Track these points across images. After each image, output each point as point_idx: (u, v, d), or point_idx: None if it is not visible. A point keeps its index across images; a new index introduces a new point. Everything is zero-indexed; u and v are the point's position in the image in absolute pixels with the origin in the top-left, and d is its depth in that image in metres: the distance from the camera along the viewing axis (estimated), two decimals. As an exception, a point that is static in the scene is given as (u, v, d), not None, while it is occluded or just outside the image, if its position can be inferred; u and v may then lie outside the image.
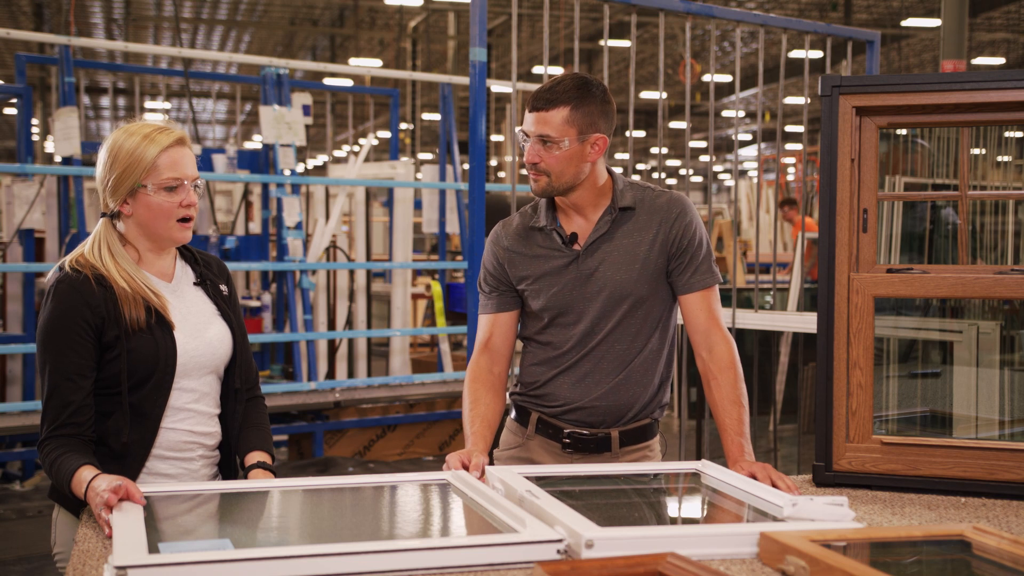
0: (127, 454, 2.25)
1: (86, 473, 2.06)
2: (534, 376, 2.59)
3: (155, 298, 2.28)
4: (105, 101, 27.22)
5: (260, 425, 2.48)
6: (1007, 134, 6.59)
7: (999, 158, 7.04)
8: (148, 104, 22.48)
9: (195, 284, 2.42)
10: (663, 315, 2.54)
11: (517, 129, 2.52)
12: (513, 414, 2.68)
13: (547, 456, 2.57)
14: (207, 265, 2.47)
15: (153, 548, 1.69)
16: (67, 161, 6.34)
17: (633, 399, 2.52)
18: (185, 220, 2.32)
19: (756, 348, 6.66)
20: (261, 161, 7.43)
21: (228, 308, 2.44)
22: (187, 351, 2.30)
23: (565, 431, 2.54)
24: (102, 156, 2.33)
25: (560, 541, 1.70)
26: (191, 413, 2.32)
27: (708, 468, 2.27)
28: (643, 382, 2.53)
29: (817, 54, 11.40)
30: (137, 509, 1.90)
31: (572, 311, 2.51)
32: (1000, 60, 23.47)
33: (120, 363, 2.23)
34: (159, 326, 2.27)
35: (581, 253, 2.50)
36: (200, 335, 2.34)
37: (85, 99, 25.33)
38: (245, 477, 2.37)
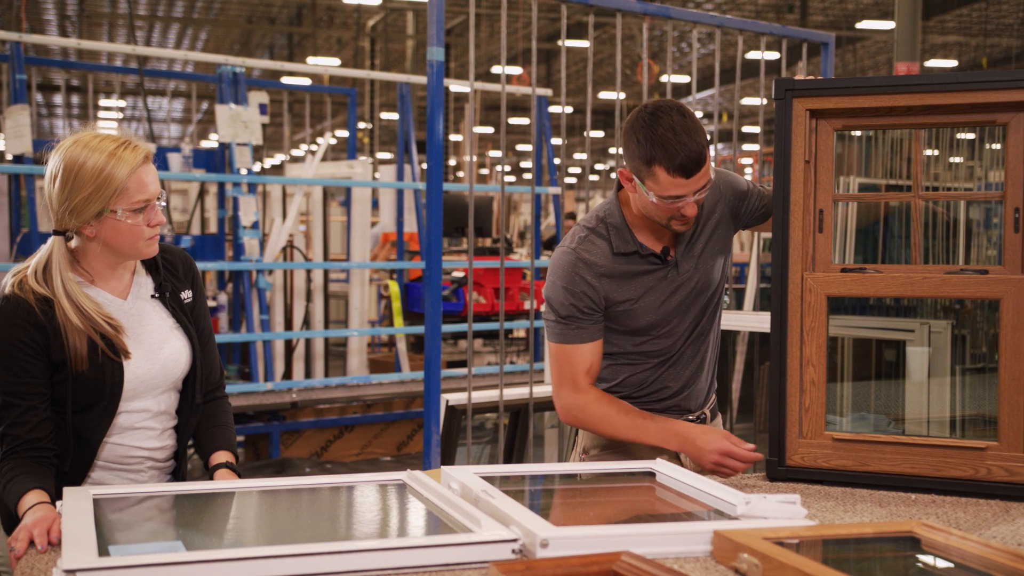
0: (69, 472, 2.21)
1: (29, 499, 2.02)
2: (638, 381, 2.61)
3: (110, 328, 2.19)
4: (58, 99, 26.89)
5: (225, 424, 2.44)
6: (959, 135, 6.69)
7: (951, 159, 7.13)
8: (102, 102, 22.22)
9: (152, 296, 2.33)
10: (723, 287, 2.66)
11: (651, 195, 2.38)
12: None
13: (655, 452, 2.55)
14: (171, 268, 2.37)
15: (104, 551, 1.67)
16: (18, 159, 6.25)
17: (712, 376, 2.70)
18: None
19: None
20: (217, 160, 7.38)
21: (188, 318, 2.35)
22: (138, 376, 2.23)
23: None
24: (57, 170, 2.16)
25: (515, 541, 1.70)
26: (141, 429, 2.27)
27: (663, 467, 2.28)
28: (715, 357, 2.70)
29: (773, 55, 11.51)
30: (87, 511, 1.87)
31: (674, 318, 2.56)
32: (953, 62, 23.79)
33: (65, 388, 2.17)
34: (109, 353, 2.19)
35: (679, 260, 2.54)
36: (154, 356, 2.26)
37: (37, 96, 25.01)
38: (211, 477, 2.34)
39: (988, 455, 2.19)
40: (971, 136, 6.75)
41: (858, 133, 5.85)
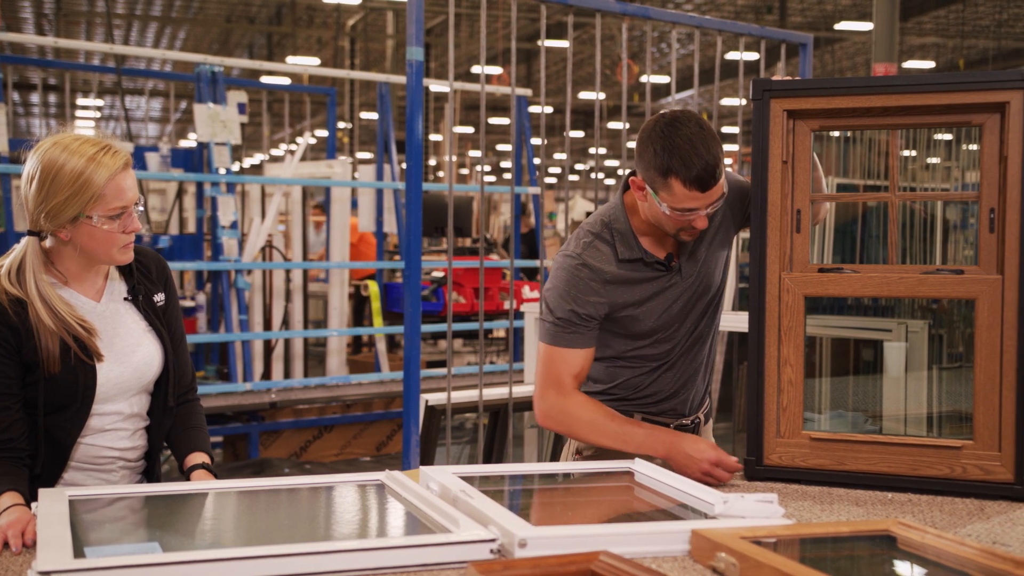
0: (42, 474, 2.19)
1: (3, 500, 1.99)
2: (634, 384, 2.60)
3: (82, 331, 2.16)
4: (35, 98, 26.71)
5: (198, 426, 2.43)
6: (936, 136, 6.73)
7: (929, 160, 7.17)
8: (80, 101, 22.07)
9: (125, 299, 2.30)
10: (723, 290, 2.65)
11: (664, 206, 2.36)
12: None
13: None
14: (144, 271, 2.34)
15: (79, 553, 1.66)
16: (-6, 158, 6.21)
17: (707, 380, 2.68)
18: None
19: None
20: (196, 160, 7.35)
21: (161, 321, 2.33)
22: (110, 379, 2.21)
23: (671, 425, 2.60)
24: (34, 172, 2.12)
25: (493, 541, 1.70)
26: (113, 431, 2.26)
27: (641, 467, 2.29)
28: (710, 361, 2.68)
29: (752, 56, 11.54)
30: (63, 512, 1.86)
31: (675, 323, 2.55)
32: (930, 64, 23.94)
33: (38, 390, 2.14)
34: (82, 356, 2.16)
35: (682, 265, 2.53)
36: (127, 360, 2.24)
37: (14, 95, 24.84)
38: (187, 479, 2.33)
39: (964, 454, 2.21)
40: (948, 137, 6.80)
41: (836, 133, 5.87)
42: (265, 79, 15.33)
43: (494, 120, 26.28)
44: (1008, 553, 1.59)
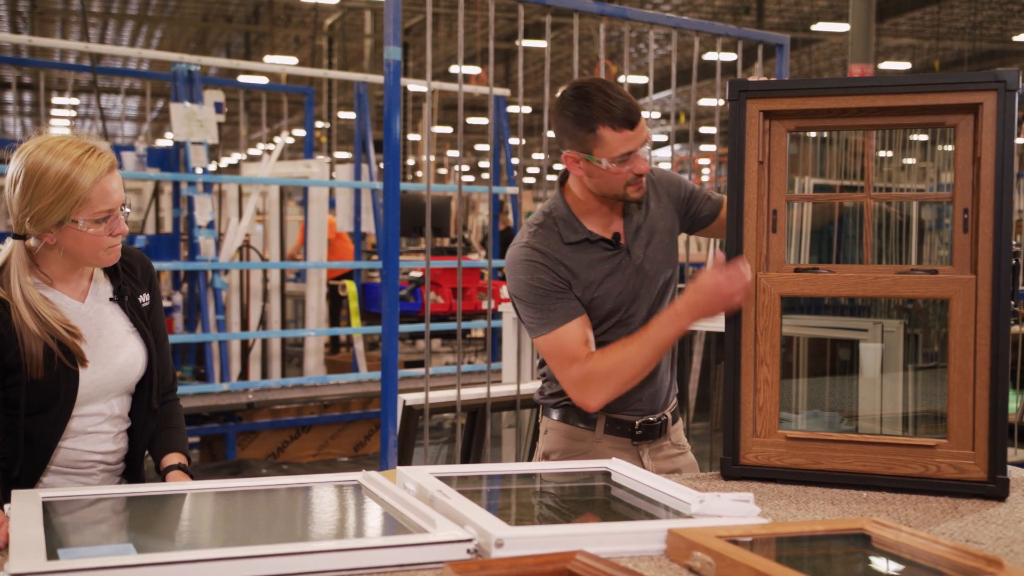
0: (20, 477, 2.17)
1: None
2: None
3: (68, 335, 2.14)
4: (9, 96, 26.52)
5: (177, 427, 2.41)
6: (912, 137, 6.77)
7: (904, 160, 7.22)
8: (55, 100, 21.92)
9: (111, 300, 2.28)
10: (675, 283, 2.67)
11: (604, 161, 2.42)
12: (557, 416, 2.65)
13: (616, 453, 2.55)
14: (129, 271, 2.32)
15: (52, 554, 1.64)
16: (-31, 158, 6.16)
17: (672, 377, 2.69)
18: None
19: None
20: (172, 159, 7.32)
21: (145, 322, 2.31)
22: (93, 380, 2.19)
23: (636, 423, 2.60)
24: (18, 175, 2.09)
25: (470, 541, 1.70)
26: (94, 433, 2.24)
27: (618, 466, 2.29)
28: (673, 359, 2.70)
29: (730, 57, 11.59)
30: (36, 513, 1.85)
31: (633, 304, 2.56)
32: (906, 65, 24.10)
33: (19, 392, 2.12)
34: (65, 361, 2.15)
35: (630, 246, 2.55)
36: (110, 361, 2.23)
37: (-11, 94, 24.63)
38: (163, 479, 2.31)
39: (938, 453, 2.22)
40: (924, 138, 6.84)
41: (812, 134, 5.90)
42: (242, 78, 15.28)
43: (472, 120, 26.28)
44: (981, 551, 1.61)
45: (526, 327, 2.55)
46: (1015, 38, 22.13)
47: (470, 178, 34.23)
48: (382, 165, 4.05)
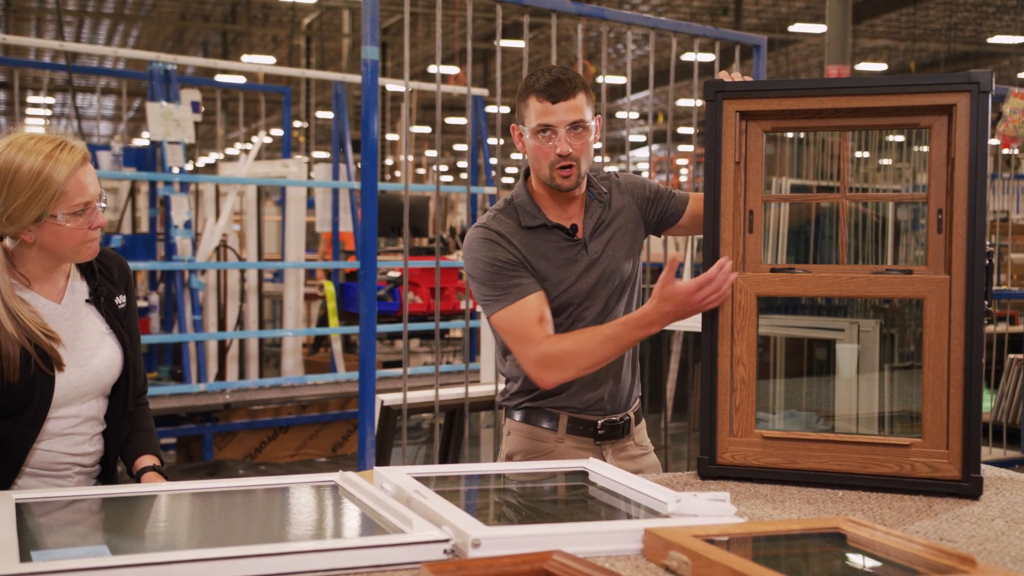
0: None
1: None
2: None
3: (46, 339, 2.13)
4: (-16, 95, 26.30)
5: (148, 429, 2.40)
6: (889, 138, 6.81)
7: (881, 161, 7.26)
8: (30, 99, 21.77)
9: (87, 301, 2.27)
10: (639, 285, 2.68)
11: (527, 129, 2.47)
12: (520, 417, 2.64)
13: (579, 453, 2.57)
14: (106, 272, 2.32)
15: (26, 556, 1.63)
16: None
17: (634, 376, 2.68)
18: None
19: (648, 347, 6.76)
20: (148, 158, 7.28)
21: (122, 323, 2.31)
22: (69, 383, 2.18)
23: (599, 423, 2.60)
24: None
25: (447, 541, 1.69)
26: (70, 436, 2.23)
27: (595, 466, 2.29)
28: (635, 358, 2.69)
29: (708, 57, 11.63)
30: (10, 515, 1.83)
31: (586, 300, 2.55)
32: (882, 66, 24.24)
33: None
34: (42, 365, 2.13)
35: (587, 241, 2.56)
36: (87, 363, 2.22)
37: (-37, 93, 24.42)
38: (136, 482, 2.30)
39: (912, 452, 2.24)
40: (900, 139, 6.89)
41: (790, 135, 5.93)
42: (220, 77, 15.22)
43: (450, 120, 26.26)
44: (954, 549, 1.62)
45: (482, 306, 2.55)
46: (990, 40, 22.32)
47: (448, 178, 34.20)
48: (360, 165, 4.04)
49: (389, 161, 23.48)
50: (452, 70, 19.00)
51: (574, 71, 2.48)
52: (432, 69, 22.42)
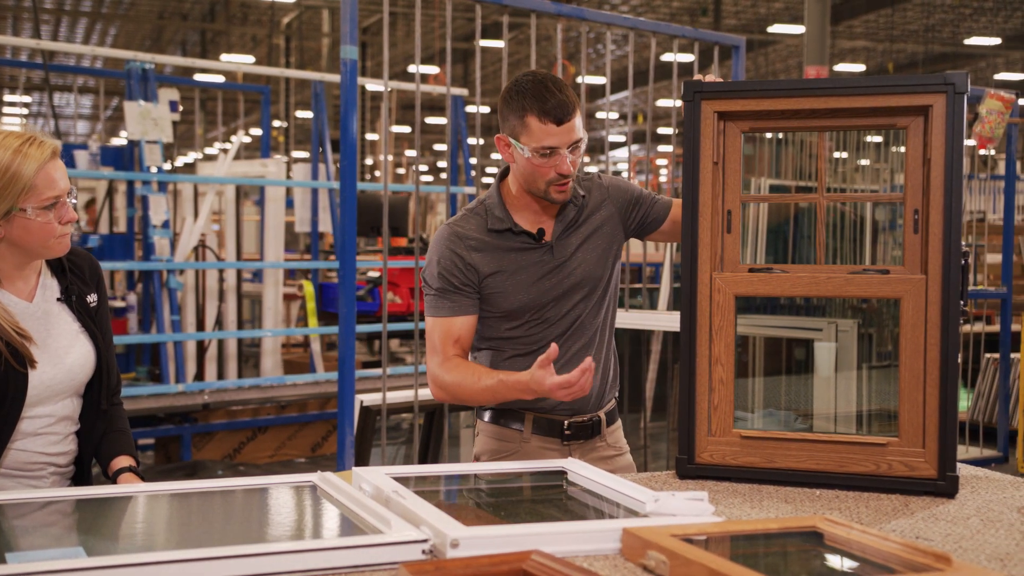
0: None
1: None
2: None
3: (17, 337, 2.13)
4: (-40, 94, 26.08)
5: (123, 430, 2.39)
6: (867, 138, 6.85)
7: (859, 161, 7.29)
8: (6, 97, 21.64)
9: (58, 300, 2.27)
10: (615, 288, 2.68)
11: (526, 150, 2.45)
12: (488, 417, 2.65)
13: (546, 453, 2.57)
14: (77, 271, 2.32)
15: (0, 558, 1.62)
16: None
17: (606, 377, 2.66)
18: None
19: (627, 347, 6.78)
20: (126, 158, 7.23)
21: (94, 321, 2.30)
22: (43, 381, 2.18)
23: (565, 423, 2.60)
24: None
25: (425, 541, 1.69)
26: (44, 435, 2.22)
27: (574, 466, 2.30)
28: (610, 359, 2.68)
29: (687, 58, 11.66)
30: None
31: (552, 304, 2.56)
32: (861, 67, 24.36)
33: None
34: (13, 363, 2.13)
35: (554, 245, 2.56)
36: (60, 362, 2.21)
37: (-61, 91, 24.22)
38: (113, 482, 2.29)
39: (889, 451, 2.25)
40: (878, 139, 6.92)
41: (769, 135, 5.95)
42: (198, 77, 15.15)
43: (430, 120, 26.23)
44: (930, 547, 1.63)
45: (424, 302, 2.62)
46: (967, 41, 22.47)
47: (428, 178, 34.17)
48: (339, 164, 4.03)
49: (369, 161, 23.44)
50: (432, 70, 18.97)
51: (564, 82, 2.48)
52: (412, 68, 22.40)
